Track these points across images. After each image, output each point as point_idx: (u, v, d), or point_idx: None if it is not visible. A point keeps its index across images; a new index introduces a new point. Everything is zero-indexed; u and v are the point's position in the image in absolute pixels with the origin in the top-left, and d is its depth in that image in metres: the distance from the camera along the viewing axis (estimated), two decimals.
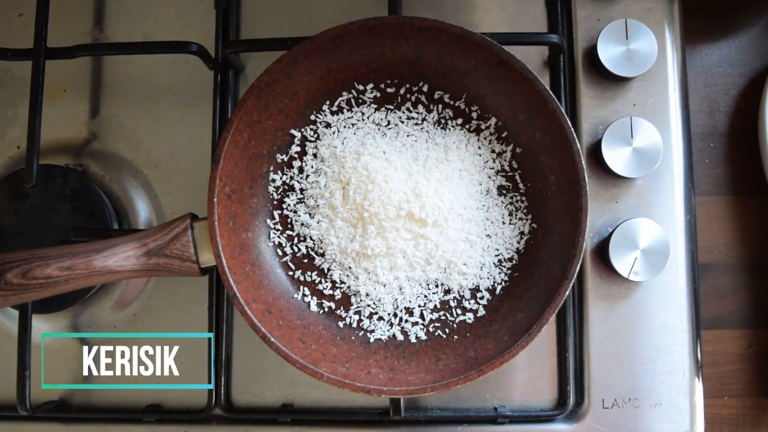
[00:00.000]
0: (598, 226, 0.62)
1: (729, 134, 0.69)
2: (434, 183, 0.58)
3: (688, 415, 0.60)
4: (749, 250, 0.68)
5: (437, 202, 0.57)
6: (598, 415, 0.60)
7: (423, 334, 0.59)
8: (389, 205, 0.57)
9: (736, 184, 0.69)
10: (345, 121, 0.61)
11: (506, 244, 0.60)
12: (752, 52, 0.71)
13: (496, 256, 0.60)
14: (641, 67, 0.61)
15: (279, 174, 0.61)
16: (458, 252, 0.58)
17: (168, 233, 0.55)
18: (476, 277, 0.59)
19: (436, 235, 0.58)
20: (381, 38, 0.58)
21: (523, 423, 0.61)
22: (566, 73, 0.64)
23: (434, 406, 0.63)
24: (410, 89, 0.61)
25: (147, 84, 0.68)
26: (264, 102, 0.57)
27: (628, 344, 0.61)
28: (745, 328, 0.68)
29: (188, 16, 0.68)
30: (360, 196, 0.57)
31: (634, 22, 0.62)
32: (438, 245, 0.58)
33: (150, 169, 0.67)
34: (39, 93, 0.61)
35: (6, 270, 0.52)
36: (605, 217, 0.62)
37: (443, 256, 0.58)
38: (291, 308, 0.59)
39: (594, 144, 0.63)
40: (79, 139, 0.67)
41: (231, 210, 0.57)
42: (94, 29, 0.69)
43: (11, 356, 0.59)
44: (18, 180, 0.64)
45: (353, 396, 0.63)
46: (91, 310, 0.65)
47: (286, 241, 0.61)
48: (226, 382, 0.63)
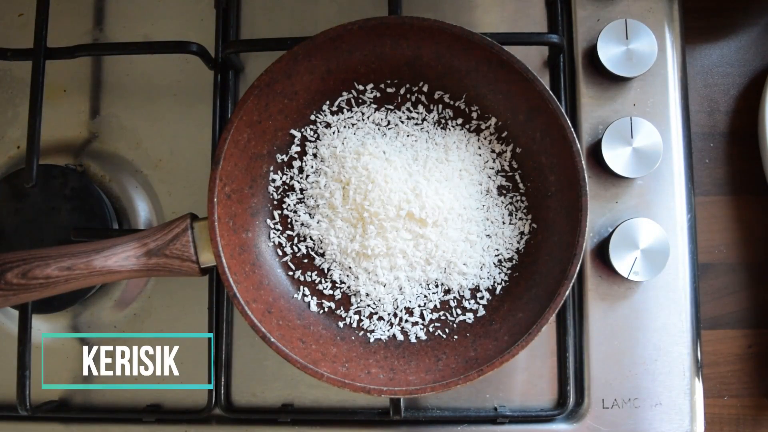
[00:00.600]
0: (598, 226, 0.62)
1: (729, 134, 0.69)
2: (434, 183, 0.58)
3: (688, 415, 0.60)
4: (749, 250, 0.68)
5: (437, 202, 0.57)
6: (598, 415, 0.60)
7: (423, 334, 0.59)
8: (389, 205, 0.57)
9: (736, 184, 0.69)
10: (345, 121, 0.61)
11: (506, 244, 0.60)
12: (752, 52, 0.71)
13: (496, 256, 0.60)
14: (641, 67, 0.61)
15: (279, 174, 0.61)
16: (458, 252, 0.58)
17: (168, 233, 0.55)
18: (476, 277, 0.59)
19: (436, 235, 0.58)
20: (381, 38, 0.58)
21: (523, 423, 0.61)
22: (566, 73, 0.64)
23: (434, 406, 0.63)
24: (410, 89, 0.61)
25: (147, 84, 0.68)
26: (264, 102, 0.57)
27: (628, 344, 0.61)
28: (745, 328, 0.68)
29: (188, 16, 0.68)
30: (360, 196, 0.57)
31: (634, 22, 0.62)
32: (438, 245, 0.58)
33: (150, 169, 0.67)
34: (39, 93, 0.61)
35: (6, 270, 0.52)
36: (605, 217, 0.62)
37: (443, 256, 0.58)
38: (291, 308, 0.59)
39: (594, 144, 0.63)
40: (79, 139, 0.67)
41: (231, 210, 0.57)
42: (94, 29, 0.69)
43: (11, 356, 0.59)
44: (18, 180, 0.64)
45: (353, 396, 0.63)
46: (91, 310, 0.65)
47: (286, 241, 0.61)
48: (226, 382, 0.63)
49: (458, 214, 0.58)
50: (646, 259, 0.60)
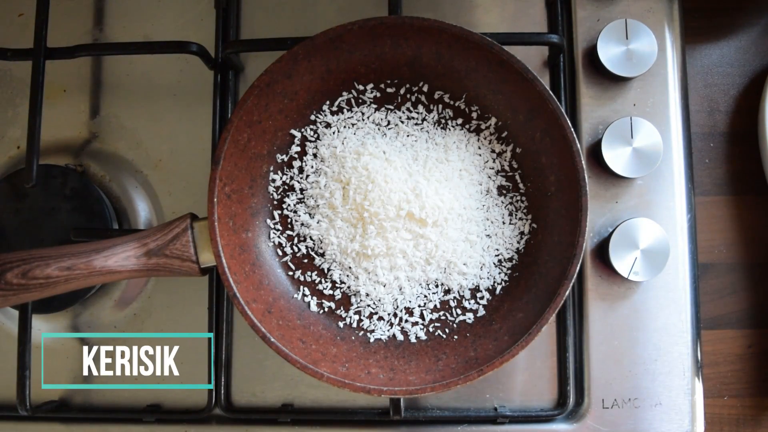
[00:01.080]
0: (598, 226, 0.62)
1: (729, 134, 0.69)
2: (434, 183, 0.58)
3: (688, 415, 0.60)
4: (749, 250, 0.68)
5: (437, 202, 0.57)
6: (598, 415, 0.60)
7: (423, 334, 0.59)
8: (389, 205, 0.57)
9: (736, 184, 0.69)
10: (345, 121, 0.61)
11: (506, 244, 0.60)
12: (752, 52, 0.71)
13: (496, 256, 0.60)
14: (641, 67, 0.61)
15: (279, 174, 0.61)
16: (458, 252, 0.58)
17: (168, 233, 0.55)
18: (476, 277, 0.59)
19: (436, 235, 0.58)
20: (381, 38, 0.58)
21: (523, 423, 0.61)
22: (566, 73, 0.64)
23: (434, 406, 0.63)
24: (410, 89, 0.61)
25: (147, 84, 0.68)
26: (264, 102, 0.57)
27: (628, 344, 0.61)
28: (745, 328, 0.68)
29: (188, 16, 0.68)
30: (360, 196, 0.57)
31: (634, 22, 0.62)
32: (438, 245, 0.58)
33: (150, 169, 0.67)
34: (39, 93, 0.61)
35: (6, 270, 0.52)
36: (605, 217, 0.62)
37: (443, 256, 0.58)
38: (291, 308, 0.59)
39: (594, 144, 0.63)
40: (79, 139, 0.67)
41: (231, 210, 0.57)
42: (94, 29, 0.69)
43: (11, 356, 0.59)
44: (18, 180, 0.64)
45: (353, 396, 0.63)
46: (91, 310, 0.65)
47: (286, 241, 0.61)
48: (226, 382, 0.63)
49: (458, 214, 0.58)
50: (646, 259, 0.60)
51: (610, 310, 0.61)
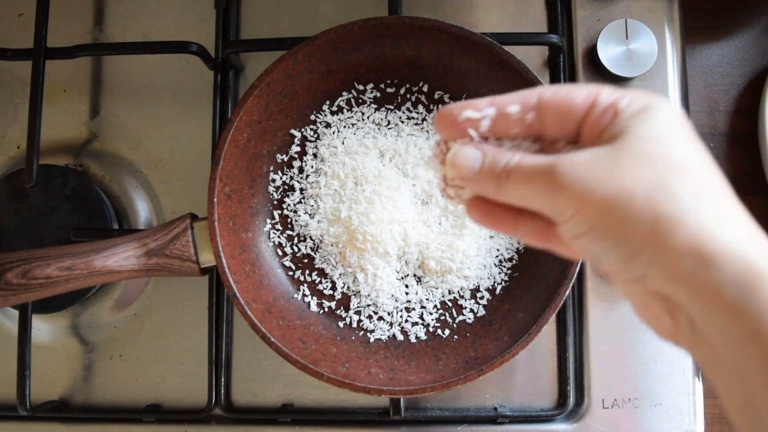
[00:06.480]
0: None
1: (729, 134, 0.69)
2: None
3: (688, 415, 0.60)
4: None
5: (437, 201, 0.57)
6: (598, 415, 0.60)
7: (423, 334, 0.59)
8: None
9: (736, 184, 0.68)
10: (345, 121, 0.61)
11: (506, 244, 0.60)
12: (752, 52, 0.70)
13: (497, 256, 0.60)
14: (641, 67, 0.61)
15: (279, 174, 0.61)
16: (459, 252, 0.58)
17: (168, 233, 0.55)
18: (476, 277, 0.59)
19: (437, 234, 0.57)
20: (381, 38, 0.58)
21: (523, 423, 0.61)
22: (566, 73, 0.64)
23: (434, 406, 0.63)
24: (410, 89, 0.61)
25: (147, 84, 0.68)
26: (264, 102, 0.57)
27: (628, 344, 0.61)
28: None
29: (188, 16, 0.68)
30: (360, 196, 0.57)
31: (634, 22, 0.62)
32: (439, 245, 0.58)
33: (150, 169, 0.67)
34: (39, 93, 0.61)
35: (6, 270, 0.52)
36: None
37: (443, 256, 0.58)
38: (291, 308, 0.59)
39: None
40: (79, 139, 0.67)
41: (231, 210, 0.57)
42: (94, 29, 0.69)
43: (11, 356, 0.59)
44: (18, 180, 0.64)
45: (353, 396, 0.62)
46: (91, 310, 0.65)
47: (286, 241, 0.60)
48: (226, 382, 0.63)
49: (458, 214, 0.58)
50: None
51: (610, 310, 0.61)
